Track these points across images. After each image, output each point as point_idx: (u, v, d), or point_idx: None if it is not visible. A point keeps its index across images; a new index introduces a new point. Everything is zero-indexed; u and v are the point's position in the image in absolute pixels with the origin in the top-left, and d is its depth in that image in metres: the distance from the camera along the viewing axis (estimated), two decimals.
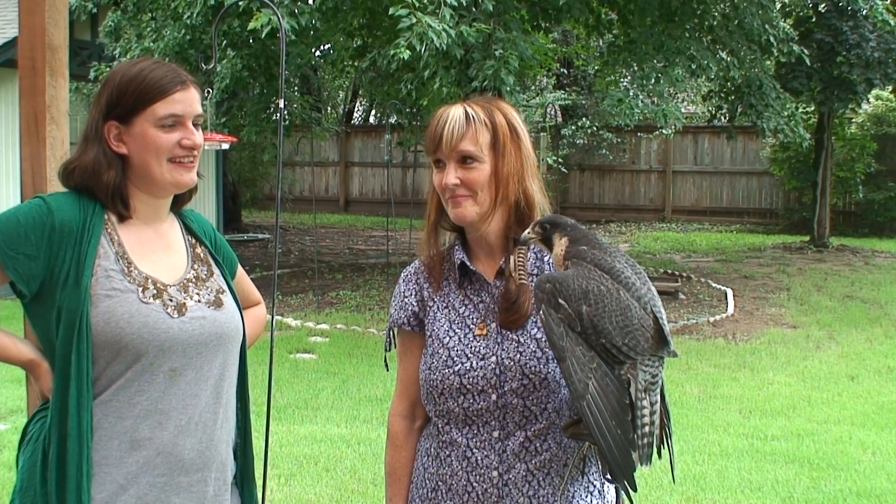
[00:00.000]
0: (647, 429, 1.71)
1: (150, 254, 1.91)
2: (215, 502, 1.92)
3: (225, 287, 2.01)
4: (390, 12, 8.17)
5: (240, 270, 2.23)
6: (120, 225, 1.89)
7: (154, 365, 1.82)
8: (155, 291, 1.85)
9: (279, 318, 9.65)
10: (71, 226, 1.80)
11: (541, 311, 1.73)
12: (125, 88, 1.86)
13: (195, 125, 1.91)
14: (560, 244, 1.83)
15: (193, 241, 2.03)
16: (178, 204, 2.03)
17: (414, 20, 7.89)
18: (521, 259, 1.93)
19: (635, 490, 1.66)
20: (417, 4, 8.05)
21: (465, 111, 1.94)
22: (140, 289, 1.83)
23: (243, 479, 2.03)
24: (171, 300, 1.86)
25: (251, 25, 8.70)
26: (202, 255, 2.03)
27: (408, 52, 7.85)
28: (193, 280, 1.94)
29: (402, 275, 2.10)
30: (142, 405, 1.81)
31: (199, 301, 1.91)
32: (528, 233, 1.86)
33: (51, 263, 1.78)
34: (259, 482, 2.12)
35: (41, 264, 1.78)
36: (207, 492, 1.89)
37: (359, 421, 6.37)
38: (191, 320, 1.87)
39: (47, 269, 1.78)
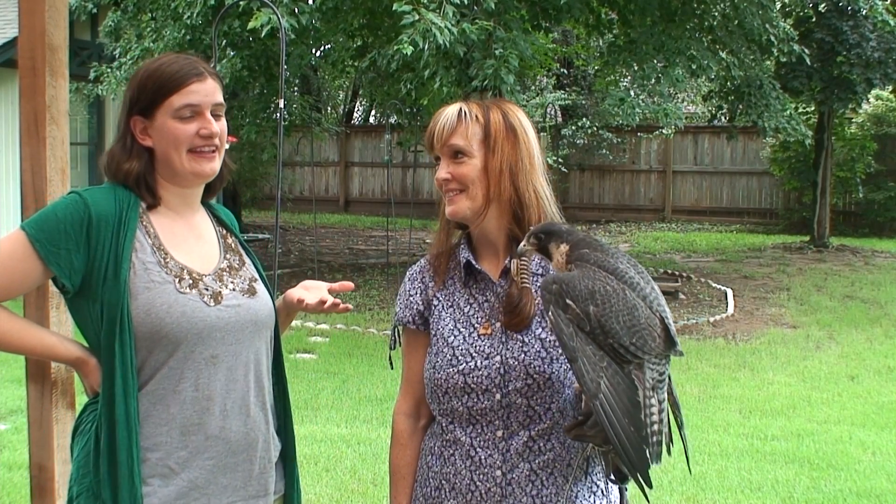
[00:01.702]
0: (655, 427, 1.72)
1: (184, 244, 1.96)
2: (261, 479, 1.99)
3: (256, 276, 2.07)
4: (394, 8, 8.17)
5: None
6: (154, 216, 1.94)
7: (195, 353, 1.88)
8: (191, 281, 1.90)
9: None
10: (108, 219, 1.85)
11: (549, 313, 1.73)
12: (145, 83, 1.92)
13: (216, 115, 1.95)
14: (559, 252, 1.83)
15: (224, 231, 2.09)
16: (209, 194, 2.09)
17: (417, 17, 7.90)
18: (524, 262, 1.93)
19: (650, 486, 1.66)
20: (421, 1, 8.07)
21: (460, 108, 1.97)
22: (177, 279, 1.88)
23: (286, 457, 2.10)
24: (206, 289, 1.92)
25: (251, 24, 8.70)
26: (233, 245, 2.08)
27: (410, 48, 7.86)
28: (227, 269, 2.00)
29: (408, 273, 2.11)
30: (187, 392, 1.88)
31: (234, 290, 1.97)
32: (524, 245, 1.87)
33: (91, 257, 1.83)
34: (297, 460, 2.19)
35: (82, 258, 1.83)
36: (253, 470, 1.97)
37: (359, 421, 6.37)
38: (227, 308, 1.93)
39: (87, 262, 1.83)
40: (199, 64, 1.95)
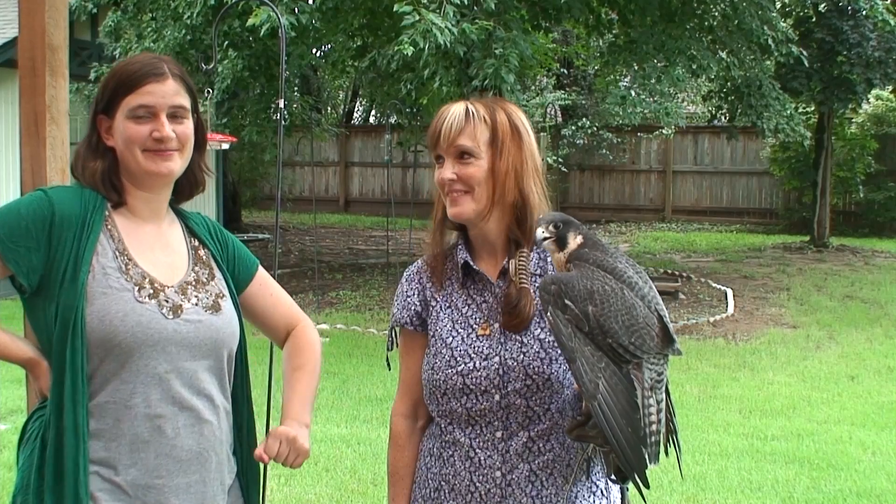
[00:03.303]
0: (653, 427, 1.72)
1: (149, 252, 1.90)
2: (214, 502, 1.92)
3: (226, 292, 1.98)
4: (395, 9, 8.18)
5: (269, 281, 2.14)
6: (120, 220, 1.89)
7: (149, 366, 1.81)
8: (151, 291, 1.84)
9: None
10: (71, 219, 1.80)
11: (548, 313, 1.73)
12: (107, 82, 1.90)
13: (177, 117, 1.89)
14: (575, 242, 1.82)
15: (196, 243, 2.01)
16: (180, 198, 2.02)
17: (417, 17, 7.91)
18: (522, 262, 1.92)
19: (648, 487, 1.67)
20: (422, 1, 8.08)
21: (466, 108, 1.95)
22: (136, 287, 1.82)
23: (248, 479, 2.03)
24: (167, 301, 1.85)
25: (250, 22, 8.71)
26: (204, 257, 2.00)
27: (411, 48, 7.86)
28: (193, 283, 1.92)
29: (405, 274, 2.09)
30: (138, 408, 1.81)
31: (197, 304, 1.90)
32: (543, 232, 1.83)
33: (50, 257, 1.78)
34: (259, 482, 2.11)
35: (41, 257, 1.78)
36: (206, 492, 1.89)
37: (359, 421, 6.37)
38: (186, 322, 1.86)
39: (47, 262, 1.78)
40: (166, 64, 1.90)
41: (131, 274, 1.84)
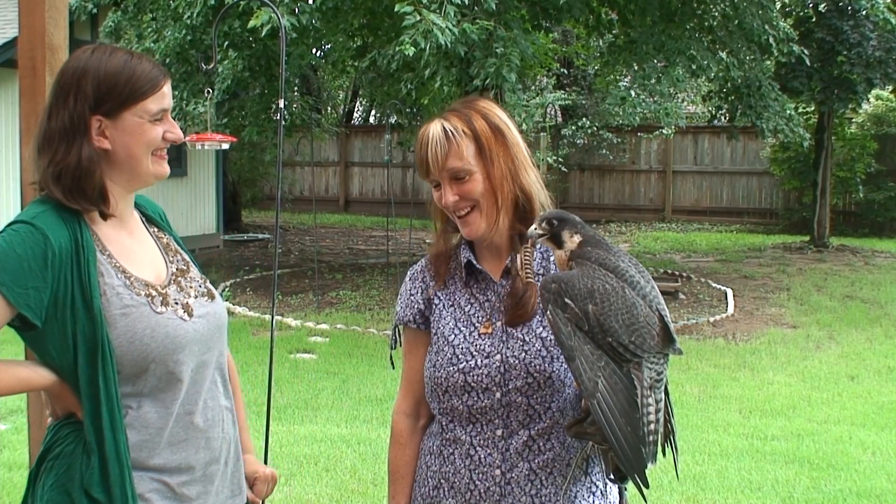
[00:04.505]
0: (652, 426, 1.72)
1: (132, 255, 1.87)
2: (234, 479, 1.99)
3: (200, 273, 2.02)
4: (396, 9, 8.18)
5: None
6: (100, 229, 1.84)
7: (182, 371, 1.84)
8: (161, 298, 1.84)
9: (279, 318, 9.65)
10: (66, 247, 1.74)
11: (548, 312, 1.74)
12: (115, 82, 1.79)
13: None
14: (572, 241, 1.83)
15: (157, 230, 2.00)
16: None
17: (418, 17, 7.92)
18: (527, 257, 1.93)
19: (647, 486, 1.67)
20: (422, 1, 8.08)
21: (443, 128, 1.93)
22: (149, 299, 1.82)
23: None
24: (176, 303, 1.87)
25: (251, 23, 8.71)
26: (169, 243, 2.00)
27: (412, 48, 7.87)
28: (180, 275, 1.94)
29: (409, 273, 2.10)
30: (175, 410, 1.84)
31: (197, 297, 1.93)
32: (535, 228, 1.85)
33: (54, 290, 1.72)
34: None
35: (48, 293, 1.72)
36: (228, 472, 1.97)
37: (359, 421, 6.37)
38: (199, 319, 1.89)
39: (52, 295, 1.72)
40: (158, 64, 1.89)
41: (136, 287, 1.82)
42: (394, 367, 2.16)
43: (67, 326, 1.73)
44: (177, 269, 1.94)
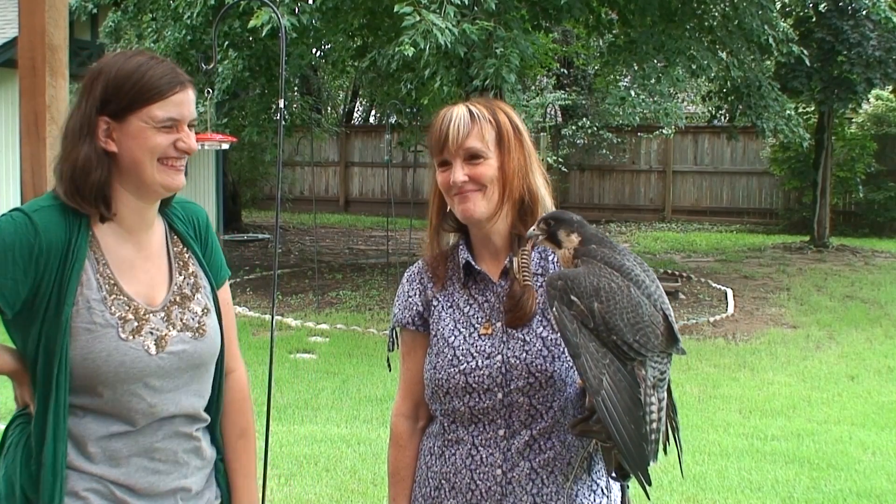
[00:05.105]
0: (654, 425, 1.72)
1: (132, 269, 1.83)
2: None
3: (210, 305, 1.93)
4: (395, 10, 8.19)
5: (228, 305, 2.04)
6: (103, 236, 1.81)
7: (132, 403, 1.79)
8: (136, 325, 1.79)
9: (279, 318, 9.65)
10: (57, 246, 1.73)
11: (554, 308, 1.74)
12: (121, 84, 1.77)
13: (191, 127, 1.84)
14: (570, 241, 1.83)
15: (180, 246, 1.94)
16: (164, 204, 1.93)
17: (418, 18, 7.92)
18: (524, 259, 1.93)
19: (650, 483, 1.67)
20: (422, 2, 8.08)
21: (470, 109, 1.95)
22: (120, 322, 1.77)
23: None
24: (151, 333, 1.80)
25: (251, 23, 8.72)
26: (189, 262, 1.93)
27: (412, 48, 7.87)
28: (178, 301, 1.87)
29: (406, 274, 2.09)
30: (121, 442, 1.79)
31: (182, 329, 1.85)
32: (534, 229, 1.86)
33: (35, 285, 1.71)
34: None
35: (27, 287, 1.71)
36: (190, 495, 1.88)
37: (359, 421, 6.37)
38: (169, 355, 1.82)
39: (31, 290, 1.71)
40: (179, 72, 1.82)
41: (116, 306, 1.78)
42: (391, 370, 2.15)
43: (36, 324, 1.72)
44: (179, 296, 1.88)
